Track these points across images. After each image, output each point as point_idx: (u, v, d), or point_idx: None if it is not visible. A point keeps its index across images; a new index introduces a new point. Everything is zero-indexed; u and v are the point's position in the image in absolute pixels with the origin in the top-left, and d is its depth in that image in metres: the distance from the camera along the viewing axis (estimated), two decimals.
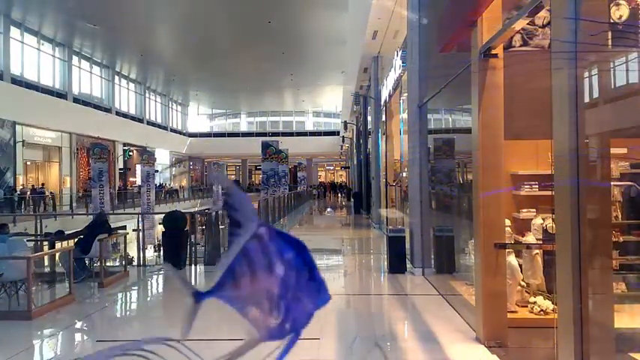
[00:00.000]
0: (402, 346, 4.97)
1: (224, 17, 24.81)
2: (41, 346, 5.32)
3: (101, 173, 16.66)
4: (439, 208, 9.12)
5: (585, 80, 3.13)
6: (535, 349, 4.87)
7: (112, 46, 31.47)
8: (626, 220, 4.88)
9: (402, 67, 10.92)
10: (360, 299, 7.02)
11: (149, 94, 41.98)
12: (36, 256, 7.50)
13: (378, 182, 17.20)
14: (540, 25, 4.97)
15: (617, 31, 3.29)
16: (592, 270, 3.04)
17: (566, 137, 2.94)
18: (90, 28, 26.27)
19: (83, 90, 31.21)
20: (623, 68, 3.77)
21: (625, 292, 4.60)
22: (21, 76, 25.10)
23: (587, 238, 2.96)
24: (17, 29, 25.33)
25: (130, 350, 1.01)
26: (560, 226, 3.10)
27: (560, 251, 3.08)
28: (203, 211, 12.76)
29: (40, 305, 6.30)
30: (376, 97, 17.39)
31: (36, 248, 9.06)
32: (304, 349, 4.82)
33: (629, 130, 4.19)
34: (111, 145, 31.69)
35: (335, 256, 12.01)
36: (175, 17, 26.01)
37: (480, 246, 4.76)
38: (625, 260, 4.69)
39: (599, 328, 3.21)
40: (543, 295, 5.35)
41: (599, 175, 3.49)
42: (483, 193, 4.70)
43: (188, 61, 34.03)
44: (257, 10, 23.66)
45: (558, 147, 3.05)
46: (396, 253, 8.38)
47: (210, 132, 54.43)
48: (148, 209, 18.96)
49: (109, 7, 22.91)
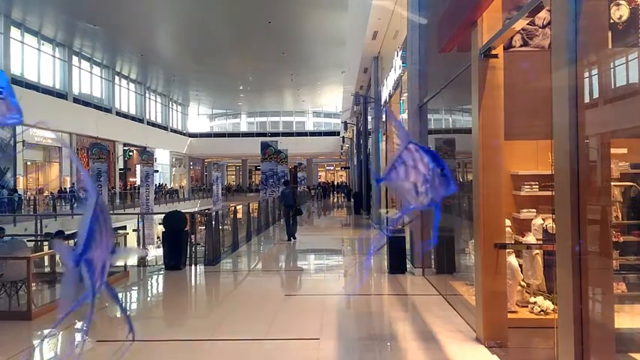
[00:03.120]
0: (402, 346, 4.97)
1: (224, 17, 24.81)
2: (41, 346, 5.32)
3: (100, 173, 16.67)
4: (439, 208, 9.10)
5: (585, 80, 3.12)
6: (535, 350, 4.87)
7: (112, 47, 31.48)
8: (626, 221, 4.88)
9: (402, 67, 10.92)
10: (360, 299, 7.02)
11: (149, 94, 41.99)
12: (36, 256, 7.50)
13: None
14: (540, 25, 4.97)
15: (617, 31, 3.29)
16: (592, 270, 3.04)
17: (566, 137, 2.94)
18: (90, 28, 26.28)
19: (83, 90, 31.22)
20: (623, 68, 3.76)
21: (625, 293, 4.59)
22: (21, 76, 25.11)
23: (588, 239, 2.96)
24: (17, 29, 25.34)
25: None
26: (561, 226, 3.10)
27: (561, 251, 3.08)
28: (203, 211, 12.75)
29: (40, 305, 6.30)
30: (376, 97, 17.39)
31: (36, 248, 9.07)
32: (304, 349, 4.83)
33: (630, 130, 4.19)
34: (111, 146, 31.71)
35: (335, 257, 12.01)
36: (175, 17, 26.01)
37: (480, 246, 4.76)
38: (625, 260, 4.68)
39: (599, 328, 3.21)
40: (543, 296, 5.35)
41: (599, 175, 3.49)
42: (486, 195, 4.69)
43: (188, 61, 34.03)
44: (257, 10, 23.67)
45: (558, 147, 3.05)
46: (396, 253, 8.38)
47: (210, 132, 54.46)
48: (147, 209, 18.96)
49: (109, 7, 22.91)
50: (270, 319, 5.93)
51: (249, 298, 7.31)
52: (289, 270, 10.15)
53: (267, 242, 14.28)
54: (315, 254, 12.37)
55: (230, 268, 10.00)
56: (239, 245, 12.22)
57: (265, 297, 7.28)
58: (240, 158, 54.38)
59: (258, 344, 5.09)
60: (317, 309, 6.33)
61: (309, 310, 6.38)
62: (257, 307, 6.62)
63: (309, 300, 7.14)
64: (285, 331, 5.45)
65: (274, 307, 6.53)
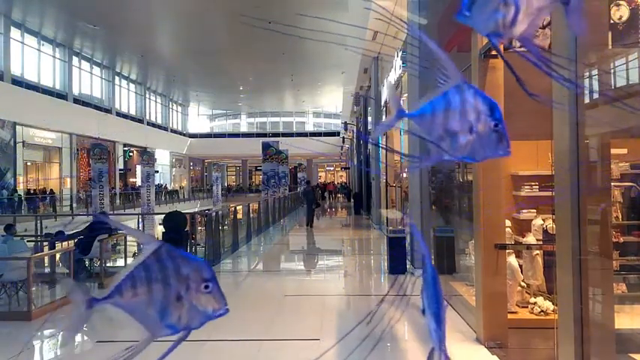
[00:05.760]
0: (402, 347, 4.97)
1: (224, 17, 24.82)
2: (41, 347, 5.32)
3: (101, 174, 16.70)
4: (439, 209, 9.11)
5: (585, 80, 3.12)
6: (535, 350, 4.86)
7: (113, 47, 31.48)
8: (626, 221, 4.87)
9: (402, 68, 10.92)
10: (360, 299, 7.02)
11: (149, 94, 41.99)
12: (36, 256, 7.51)
13: (379, 183, 17.20)
14: (540, 25, 4.96)
15: (617, 31, 3.29)
16: (592, 271, 3.04)
17: (566, 137, 2.94)
18: (90, 28, 26.28)
19: (83, 91, 31.22)
20: (624, 68, 3.76)
21: (625, 293, 4.59)
22: (21, 76, 25.12)
23: (588, 239, 2.96)
24: (17, 30, 25.35)
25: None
26: (561, 227, 3.10)
27: (561, 252, 3.08)
28: (203, 212, 12.76)
29: (40, 306, 6.30)
30: (376, 97, 17.39)
31: (36, 249, 9.06)
32: (304, 349, 4.83)
33: (630, 131, 4.19)
34: (111, 146, 31.70)
35: (335, 257, 12.00)
36: (175, 17, 26.01)
37: (480, 246, 4.76)
38: (625, 261, 4.68)
39: (599, 328, 3.20)
40: (543, 296, 5.35)
41: (599, 175, 3.49)
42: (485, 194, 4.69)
43: (188, 62, 34.02)
44: (257, 11, 23.67)
45: (558, 147, 3.05)
46: (396, 253, 8.38)
47: (210, 133, 54.44)
48: (148, 210, 18.97)
49: (109, 7, 22.91)
50: (270, 319, 5.93)
51: (249, 298, 7.31)
52: (289, 270, 10.15)
53: (269, 240, 14.28)
54: (315, 255, 12.37)
55: (230, 269, 10.00)
56: (239, 245, 12.22)
57: (265, 297, 7.28)
58: (241, 159, 54.35)
59: (258, 344, 5.08)
60: (317, 309, 6.33)
61: (309, 311, 6.38)
62: (257, 307, 6.62)
63: (309, 300, 7.14)
64: (285, 332, 5.45)
65: (274, 307, 6.53)
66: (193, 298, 1.05)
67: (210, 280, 1.07)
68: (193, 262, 1.08)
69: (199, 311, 1.07)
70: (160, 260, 1.07)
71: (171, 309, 1.06)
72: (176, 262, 1.06)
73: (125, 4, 22.60)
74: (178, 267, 1.06)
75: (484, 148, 1.13)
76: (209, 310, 1.08)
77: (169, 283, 1.05)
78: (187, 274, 1.06)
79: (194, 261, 1.08)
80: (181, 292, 1.05)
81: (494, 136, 1.12)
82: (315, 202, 18.31)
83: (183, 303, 1.05)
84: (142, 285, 1.07)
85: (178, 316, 1.06)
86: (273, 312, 6.24)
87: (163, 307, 1.06)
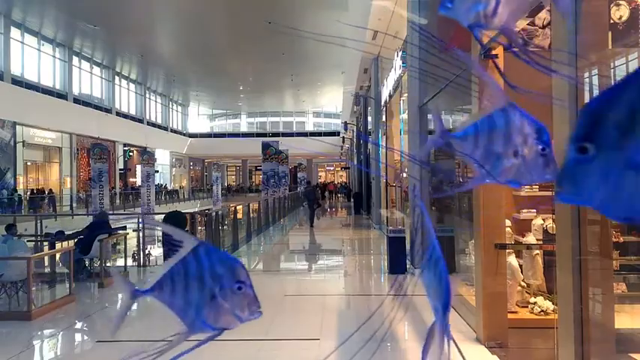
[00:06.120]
0: (402, 347, 4.97)
1: (224, 17, 24.82)
2: (41, 347, 5.32)
3: (101, 174, 16.71)
4: (439, 209, 9.11)
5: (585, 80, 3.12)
6: (535, 350, 4.86)
7: (112, 47, 31.49)
8: None
9: (402, 68, 10.92)
10: (360, 299, 7.02)
11: (149, 94, 42.00)
12: (36, 256, 7.51)
13: (379, 183, 17.20)
14: (540, 25, 4.97)
15: (617, 31, 3.29)
16: (592, 270, 3.04)
17: (566, 137, 2.93)
18: (90, 28, 26.28)
19: (83, 90, 31.23)
20: (624, 68, 3.76)
21: (625, 293, 4.59)
22: (21, 76, 25.12)
23: (588, 239, 2.96)
24: (17, 30, 25.35)
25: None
26: (561, 227, 3.10)
27: (561, 252, 3.08)
28: (203, 212, 12.76)
29: (40, 305, 6.30)
30: (376, 97, 17.39)
31: (36, 249, 9.06)
32: (304, 349, 4.83)
33: None
34: (111, 146, 31.71)
35: (335, 257, 12.00)
36: (175, 17, 26.02)
37: (480, 246, 4.76)
38: (625, 261, 4.68)
39: (599, 328, 3.20)
40: (544, 296, 5.34)
41: None
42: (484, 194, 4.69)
43: (188, 62, 34.03)
44: (257, 10, 23.67)
45: (558, 146, 3.04)
46: (396, 253, 8.38)
47: (210, 132, 54.45)
48: (148, 209, 18.98)
49: (109, 7, 22.91)
50: (269, 319, 5.92)
51: None
52: (289, 270, 10.16)
53: (269, 240, 14.28)
54: (315, 255, 12.38)
55: None
56: (239, 245, 12.22)
57: (265, 297, 7.23)
58: (241, 158, 54.35)
59: (258, 344, 5.08)
60: (317, 309, 6.33)
61: (309, 311, 6.38)
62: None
63: (309, 300, 7.14)
64: (284, 332, 5.45)
65: (274, 307, 6.52)
66: (226, 297, 1.06)
67: (242, 282, 1.07)
68: (228, 262, 1.09)
69: (231, 311, 1.07)
70: (198, 258, 1.08)
71: (205, 306, 1.07)
72: (212, 261, 1.08)
73: (125, 4, 22.61)
74: (213, 266, 1.07)
75: (530, 172, 1.10)
76: (240, 312, 1.08)
77: (204, 281, 1.07)
78: (221, 273, 1.07)
79: (229, 261, 1.09)
80: (215, 290, 1.06)
81: (541, 161, 1.10)
82: (316, 201, 18.51)
83: (217, 302, 1.06)
84: (179, 281, 1.10)
85: (211, 314, 1.08)
86: (273, 312, 6.24)
87: (198, 303, 1.08)
